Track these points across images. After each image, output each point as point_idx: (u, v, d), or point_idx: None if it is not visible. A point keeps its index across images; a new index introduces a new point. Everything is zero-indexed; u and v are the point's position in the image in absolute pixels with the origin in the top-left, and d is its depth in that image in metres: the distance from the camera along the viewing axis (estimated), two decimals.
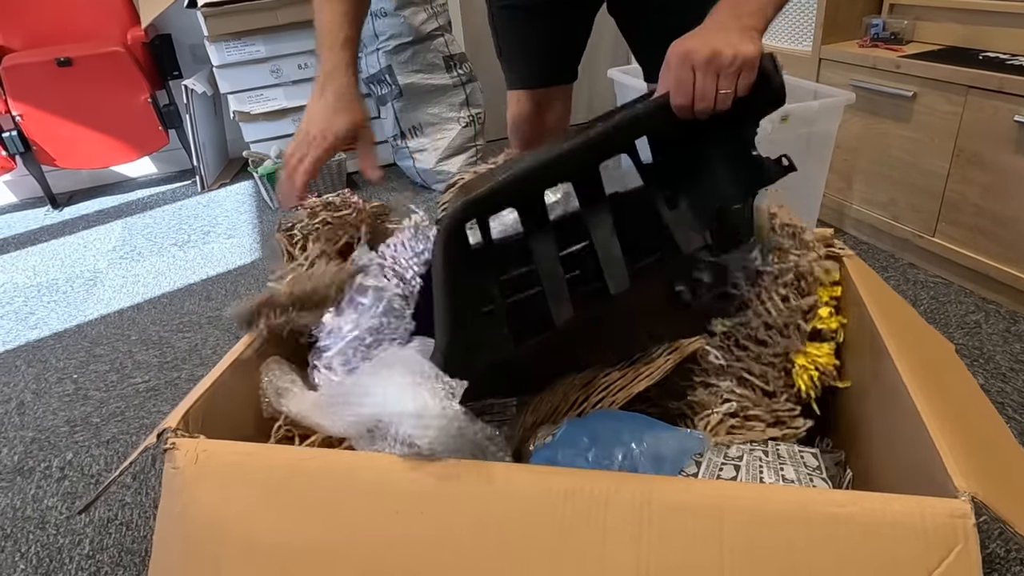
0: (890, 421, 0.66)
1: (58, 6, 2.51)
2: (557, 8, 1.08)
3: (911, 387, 0.62)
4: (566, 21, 1.11)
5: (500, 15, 1.14)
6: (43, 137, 2.46)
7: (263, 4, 2.30)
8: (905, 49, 1.66)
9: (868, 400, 0.73)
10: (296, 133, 0.81)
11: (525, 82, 1.17)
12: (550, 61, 1.14)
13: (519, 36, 1.12)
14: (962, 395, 0.75)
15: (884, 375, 0.67)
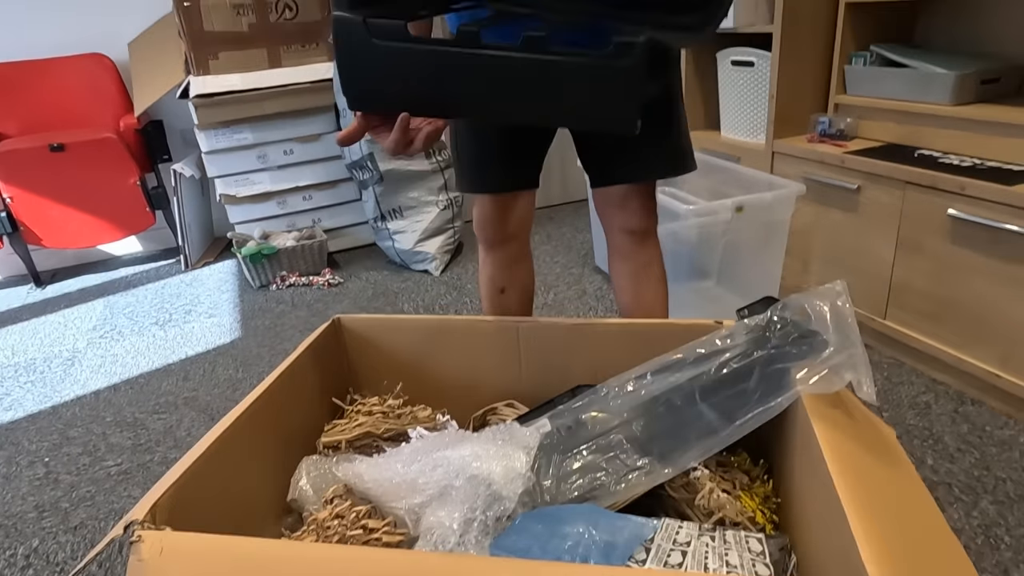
0: (819, 509, 0.71)
1: (55, 95, 2.63)
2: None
3: (836, 476, 0.67)
4: (528, 131, 1.14)
5: (460, 122, 1.17)
6: (31, 218, 2.52)
7: (251, 95, 2.43)
8: (849, 145, 1.80)
9: (804, 487, 0.78)
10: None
11: (486, 188, 1.18)
12: (512, 168, 1.16)
13: (480, 142, 1.15)
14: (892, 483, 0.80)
15: (814, 464, 0.73)
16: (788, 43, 1.87)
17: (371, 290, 2.41)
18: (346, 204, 2.75)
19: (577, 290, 2.25)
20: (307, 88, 2.48)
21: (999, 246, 1.40)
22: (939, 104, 1.63)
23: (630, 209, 1.12)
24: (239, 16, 2.39)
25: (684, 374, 0.92)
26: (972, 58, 1.70)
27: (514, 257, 1.23)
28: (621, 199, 1.12)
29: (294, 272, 2.52)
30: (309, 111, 2.54)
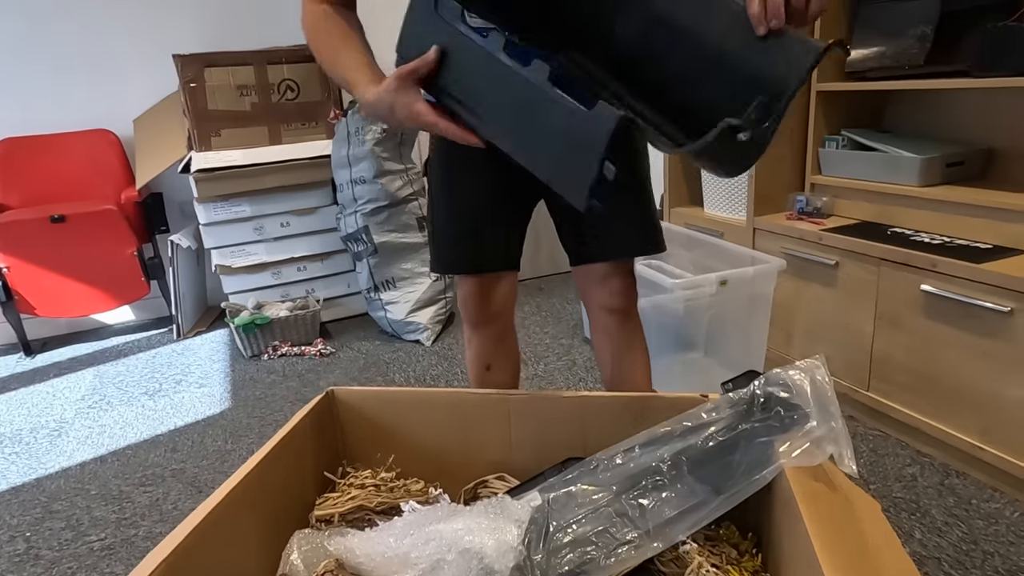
0: None
1: (60, 168, 2.70)
2: (497, 204, 1.15)
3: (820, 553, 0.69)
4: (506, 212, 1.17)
5: (440, 207, 1.19)
6: (26, 287, 2.54)
7: (250, 171, 2.51)
8: (826, 223, 1.88)
9: (790, 563, 0.79)
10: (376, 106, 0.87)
11: (468, 268, 1.19)
12: (492, 249, 1.18)
13: (459, 222, 1.16)
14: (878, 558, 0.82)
15: (799, 539, 0.74)
16: None
17: (363, 360, 2.42)
18: (340, 275, 2.79)
19: (567, 361, 2.28)
20: (305, 164, 2.57)
21: (971, 321, 1.45)
22: (908, 185, 1.73)
23: (610, 288, 1.16)
24: (242, 96, 2.50)
25: (671, 447, 0.95)
26: (937, 142, 1.81)
27: (499, 335, 1.26)
28: (601, 278, 1.16)
29: (286, 342, 2.53)
30: (307, 185, 2.62)
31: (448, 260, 1.21)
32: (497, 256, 1.18)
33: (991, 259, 1.46)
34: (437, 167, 1.18)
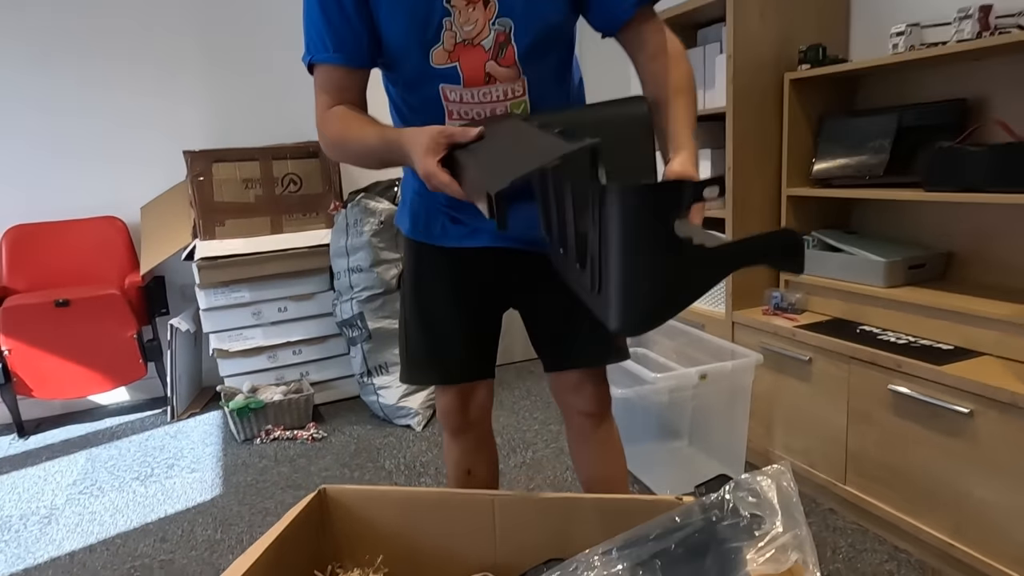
0: None
1: (67, 253, 2.80)
2: (468, 318, 1.20)
3: None
4: (478, 323, 1.22)
5: (413, 321, 1.22)
6: (26, 370, 2.59)
7: (252, 258, 2.62)
8: (800, 319, 1.98)
9: None
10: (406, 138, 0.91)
11: (444, 380, 1.24)
12: (466, 360, 1.22)
13: (433, 336, 1.21)
14: None
15: None
16: (740, 226, 2.10)
17: (354, 446, 2.46)
18: (334, 358, 2.86)
19: (555, 448, 2.32)
20: (305, 252, 2.68)
21: (936, 420, 1.53)
22: (874, 286, 1.83)
23: (584, 394, 1.23)
24: (247, 189, 2.64)
25: (647, 550, 1.00)
26: (900, 245, 1.93)
27: (477, 443, 1.32)
28: (574, 385, 1.23)
29: (279, 426, 2.57)
30: (305, 272, 2.73)
31: (423, 375, 1.26)
32: (471, 368, 1.23)
33: (952, 361, 1.55)
34: (408, 284, 1.24)
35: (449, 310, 1.20)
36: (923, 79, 1.89)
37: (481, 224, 1.13)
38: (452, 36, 0.98)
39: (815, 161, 2.01)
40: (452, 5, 0.96)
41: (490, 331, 1.26)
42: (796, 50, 2.01)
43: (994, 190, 1.50)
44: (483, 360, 1.25)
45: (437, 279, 1.20)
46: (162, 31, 2.96)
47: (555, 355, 1.23)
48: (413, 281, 1.23)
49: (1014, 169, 1.46)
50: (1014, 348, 1.51)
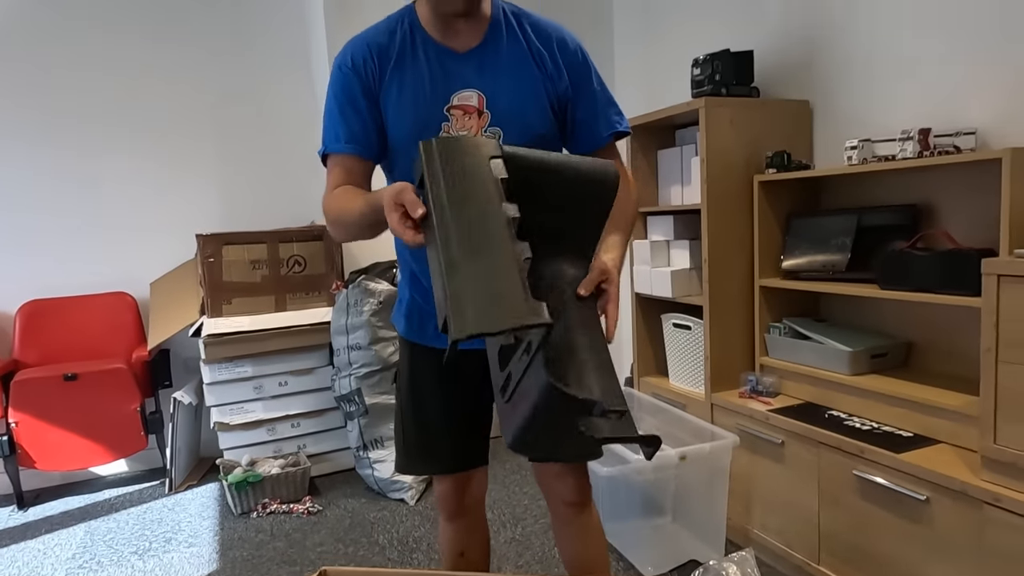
0: None
1: (77, 328, 2.92)
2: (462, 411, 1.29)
3: None
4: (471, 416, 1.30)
5: (408, 415, 1.31)
6: (31, 442, 2.67)
7: (256, 335, 2.74)
8: (774, 402, 2.10)
9: None
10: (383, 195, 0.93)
11: (440, 469, 1.33)
12: (461, 450, 1.31)
13: (428, 429, 1.31)
14: None
15: None
16: (716, 313, 2.25)
17: (348, 520, 2.52)
18: (330, 431, 2.95)
19: (544, 524, 2.40)
20: (307, 329, 2.80)
21: (897, 505, 1.64)
22: (840, 373, 1.97)
23: (566, 484, 1.32)
24: (255, 270, 2.79)
25: None
26: (864, 334, 2.08)
27: (471, 526, 1.41)
28: (556, 475, 1.32)
29: (276, 499, 2.64)
30: (306, 348, 2.85)
31: (418, 466, 1.36)
32: (465, 458, 1.33)
33: (911, 448, 1.67)
34: (403, 380, 1.34)
35: (442, 406, 1.30)
36: (877, 186, 2.08)
37: None
38: None
39: (784, 256, 2.17)
40: (451, 112, 1.13)
41: (483, 422, 1.35)
42: (764, 155, 2.20)
43: (941, 292, 1.66)
44: (477, 449, 1.35)
45: (430, 377, 1.30)
46: (178, 121, 3.17)
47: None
48: (408, 378, 1.33)
49: (957, 274, 1.62)
50: (965, 437, 1.63)
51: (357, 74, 1.13)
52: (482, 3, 1.15)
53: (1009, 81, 1.73)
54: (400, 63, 1.13)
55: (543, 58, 1.17)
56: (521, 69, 1.16)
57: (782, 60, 2.39)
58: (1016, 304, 1.38)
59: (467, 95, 1.13)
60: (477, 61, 1.14)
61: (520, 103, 1.15)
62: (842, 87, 2.18)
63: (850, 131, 2.14)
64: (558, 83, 1.18)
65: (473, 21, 1.14)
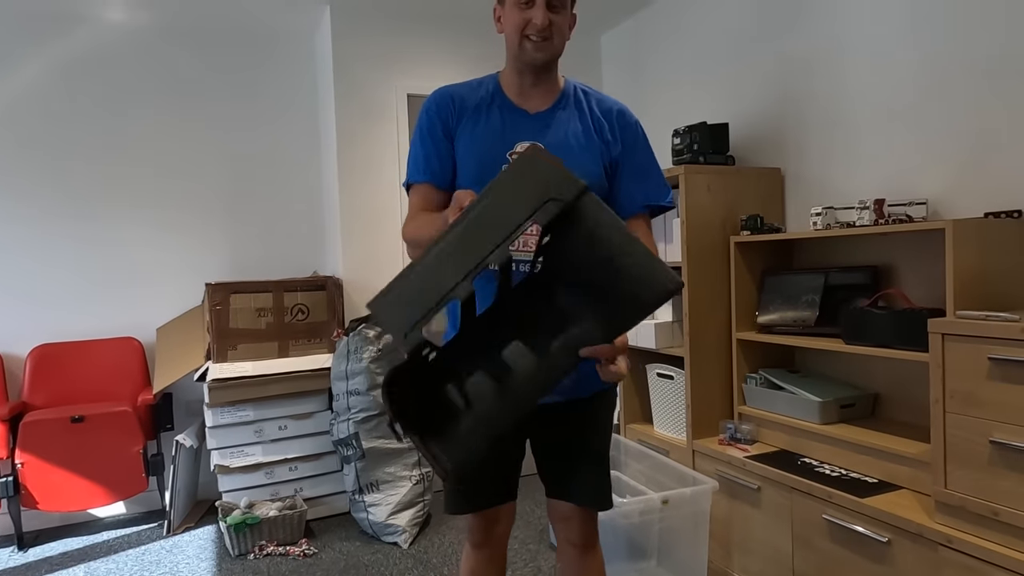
0: None
1: (85, 371, 3.03)
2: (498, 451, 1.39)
3: None
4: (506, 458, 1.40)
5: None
6: (35, 483, 2.74)
7: (259, 379, 2.86)
8: (751, 449, 2.23)
9: None
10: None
11: (474, 508, 1.41)
12: (494, 488, 1.40)
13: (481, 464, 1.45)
14: None
15: None
16: (696, 363, 2.39)
17: (343, 562, 2.60)
18: (327, 475, 3.03)
19: (533, 568, 2.48)
20: (308, 375, 2.92)
21: (863, 548, 1.75)
22: (812, 423, 2.10)
23: (573, 526, 1.42)
24: (260, 317, 2.92)
25: None
26: (834, 385, 2.22)
27: (492, 557, 1.50)
28: (565, 516, 1.43)
29: (272, 541, 2.71)
30: (306, 393, 2.96)
31: (460, 505, 1.44)
32: (499, 493, 1.44)
33: (875, 493, 1.80)
34: None
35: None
36: (841, 248, 2.25)
37: None
38: None
39: (759, 311, 2.33)
40: (512, 157, 1.29)
41: (513, 459, 1.45)
42: (739, 218, 2.38)
43: (897, 347, 1.82)
44: (506, 486, 1.45)
45: None
46: (192, 177, 3.35)
47: (554, 484, 1.44)
48: None
49: (911, 331, 1.78)
50: (923, 483, 1.76)
51: (440, 117, 1.33)
52: (555, 73, 1.34)
53: (957, 156, 1.93)
54: (476, 113, 1.32)
55: (602, 125, 1.33)
56: (580, 131, 1.32)
57: (755, 132, 2.60)
58: (959, 360, 1.53)
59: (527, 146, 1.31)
60: (544, 121, 1.32)
61: (573, 159, 1.27)
62: (810, 157, 2.39)
63: (818, 197, 2.33)
64: (612, 148, 1.34)
65: (545, 89, 1.33)
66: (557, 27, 1.28)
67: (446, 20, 3.34)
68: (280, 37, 3.48)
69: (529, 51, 1.28)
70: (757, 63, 2.59)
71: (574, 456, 1.38)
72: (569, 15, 1.32)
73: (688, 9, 2.96)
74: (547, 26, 1.26)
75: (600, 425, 1.42)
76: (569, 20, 1.32)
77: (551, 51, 1.29)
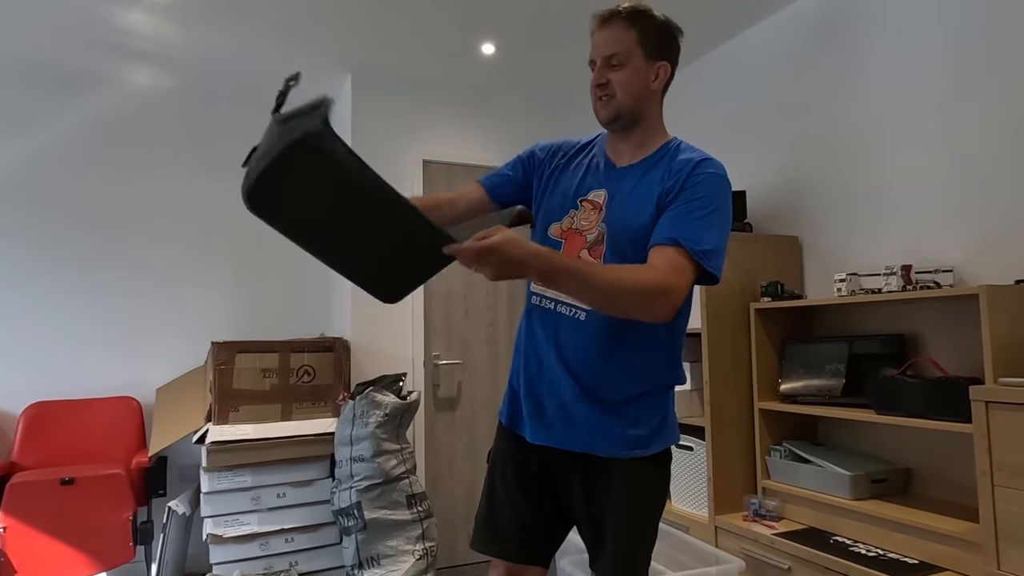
0: None
1: (79, 431, 2.92)
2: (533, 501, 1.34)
3: None
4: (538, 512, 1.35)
5: (485, 493, 1.41)
6: (16, 550, 2.58)
7: (259, 443, 2.75)
8: (778, 526, 2.11)
9: None
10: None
11: (492, 551, 1.36)
12: (521, 541, 1.34)
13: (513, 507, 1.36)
14: None
15: None
16: (718, 434, 2.30)
17: None
18: (324, 548, 2.87)
19: None
20: (310, 440, 2.81)
21: None
22: (842, 498, 2.00)
23: None
24: (264, 378, 2.84)
25: None
26: (863, 458, 2.13)
27: None
28: None
29: None
30: (307, 459, 2.84)
31: (481, 544, 1.39)
32: (523, 551, 1.35)
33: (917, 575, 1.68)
34: (493, 456, 1.43)
35: (512, 492, 1.37)
36: (866, 315, 2.21)
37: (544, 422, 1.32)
38: (570, 222, 1.33)
39: (781, 380, 2.27)
40: (582, 204, 1.32)
41: (549, 523, 1.37)
42: (759, 284, 2.36)
43: (933, 417, 1.74)
44: (537, 548, 1.36)
45: (507, 461, 1.38)
46: (196, 237, 3.35)
47: (591, 558, 1.35)
48: (493, 458, 1.43)
49: (947, 400, 1.72)
50: (969, 564, 1.65)
51: (533, 152, 1.44)
52: (647, 129, 1.33)
53: (981, 224, 1.92)
54: (569, 162, 1.39)
55: (670, 171, 1.27)
56: (651, 182, 1.28)
57: (773, 200, 2.61)
58: (1005, 429, 1.46)
59: (598, 193, 1.32)
60: (623, 174, 1.32)
61: (628, 206, 1.28)
62: (828, 226, 2.38)
63: (836, 265, 2.31)
64: (670, 189, 1.25)
65: (637, 144, 1.33)
66: (618, 84, 1.28)
67: (463, 90, 3.43)
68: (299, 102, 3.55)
69: (596, 109, 1.32)
70: (776, 135, 2.63)
71: (609, 532, 1.29)
72: (639, 69, 1.28)
73: (703, 82, 3.04)
74: (604, 83, 1.28)
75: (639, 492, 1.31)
76: (639, 74, 1.28)
77: (615, 107, 1.29)
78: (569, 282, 1.13)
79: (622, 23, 1.28)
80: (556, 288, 1.21)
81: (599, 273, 1.15)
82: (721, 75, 2.91)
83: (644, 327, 1.24)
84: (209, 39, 2.86)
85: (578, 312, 1.28)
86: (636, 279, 1.14)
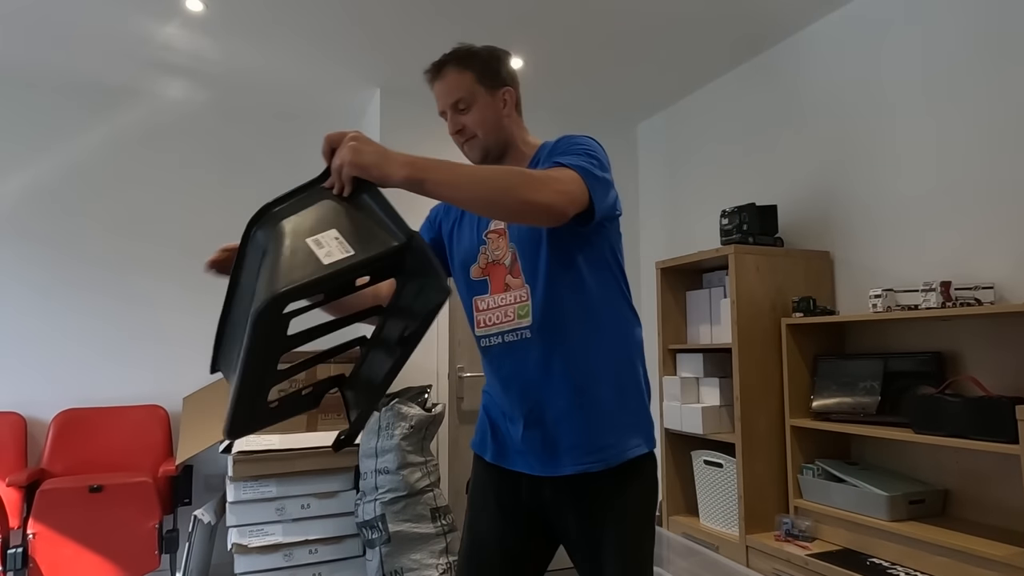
0: None
1: (108, 438, 2.95)
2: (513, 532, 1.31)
3: None
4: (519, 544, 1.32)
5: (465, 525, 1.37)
6: (44, 556, 2.61)
7: (285, 454, 2.75)
8: (811, 547, 2.07)
9: None
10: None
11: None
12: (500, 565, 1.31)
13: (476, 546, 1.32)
14: None
15: None
16: (748, 451, 2.27)
17: None
18: (348, 560, 2.86)
19: None
20: None
21: None
22: (878, 519, 1.95)
23: None
24: (290, 388, 2.85)
25: None
26: (898, 479, 2.08)
27: None
28: None
29: None
30: (332, 470, 2.84)
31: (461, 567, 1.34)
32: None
33: None
34: (471, 489, 1.39)
35: (490, 523, 1.32)
36: (902, 332, 2.18)
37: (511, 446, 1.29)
38: (485, 258, 1.29)
39: (813, 397, 2.23)
40: (488, 237, 1.29)
41: (531, 555, 1.32)
42: (790, 299, 2.33)
43: (975, 437, 1.70)
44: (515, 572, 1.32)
45: (489, 493, 1.33)
46: None
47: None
48: (471, 489, 1.39)
49: (990, 420, 1.68)
50: None
51: (437, 212, 1.43)
52: (515, 151, 1.32)
53: (1021, 240, 1.88)
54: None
55: (543, 159, 1.27)
56: None
57: (803, 215, 2.58)
58: None
59: (498, 221, 1.29)
60: None
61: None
62: (860, 241, 2.35)
63: (868, 280, 2.28)
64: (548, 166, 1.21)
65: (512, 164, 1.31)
66: (474, 125, 1.28)
67: None
68: (329, 116, 3.60)
69: (465, 153, 1.32)
70: (807, 149, 2.61)
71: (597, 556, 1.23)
72: (486, 104, 1.28)
73: (732, 95, 3.03)
74: (461, 129, 1.29)
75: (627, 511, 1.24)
76: (488, 109, 1.28)
77: (480, 146, 1.30)
78: (437, 170, 1.06)
79: (454, 69, 1.28)
80: (428, 182, 1.05)
81: (470, 166, 1.11)
82: (751, 89, 2.90)
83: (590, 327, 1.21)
84: (241, 53, 2.91)
85: (523, 332, 1.24)
86: (515, 167, 1.17)
